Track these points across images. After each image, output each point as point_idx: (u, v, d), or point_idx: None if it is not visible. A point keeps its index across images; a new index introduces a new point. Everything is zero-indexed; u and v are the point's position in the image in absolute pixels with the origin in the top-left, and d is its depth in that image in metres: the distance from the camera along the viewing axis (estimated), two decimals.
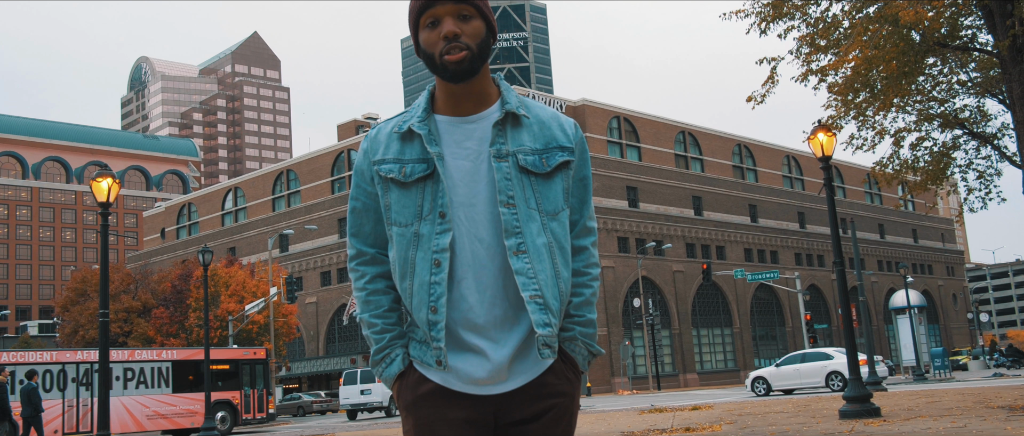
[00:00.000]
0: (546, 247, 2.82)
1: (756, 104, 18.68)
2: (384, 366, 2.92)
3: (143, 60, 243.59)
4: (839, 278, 17.90)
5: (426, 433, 2.82)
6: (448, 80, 2.83)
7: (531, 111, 2.95)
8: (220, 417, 36.39)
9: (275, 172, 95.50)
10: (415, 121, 2.89)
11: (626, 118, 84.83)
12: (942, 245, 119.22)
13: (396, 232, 2.87)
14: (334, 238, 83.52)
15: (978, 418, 14.61)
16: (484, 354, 2.79)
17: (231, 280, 59.64)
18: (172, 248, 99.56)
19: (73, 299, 66.71)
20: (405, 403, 2.88)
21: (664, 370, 75.86)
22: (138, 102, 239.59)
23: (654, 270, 78.51)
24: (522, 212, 2.81)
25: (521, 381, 2.82)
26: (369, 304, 2.95)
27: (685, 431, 16.11)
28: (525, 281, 2.77)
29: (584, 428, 20.03)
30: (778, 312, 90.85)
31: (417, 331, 2.88)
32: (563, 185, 2.91)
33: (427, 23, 2.84)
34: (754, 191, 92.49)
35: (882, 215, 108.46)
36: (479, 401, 2.81)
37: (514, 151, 2.85)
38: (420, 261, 2.81)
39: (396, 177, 2.86)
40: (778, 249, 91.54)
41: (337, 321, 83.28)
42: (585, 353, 2.96)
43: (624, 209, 77.78)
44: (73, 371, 33.78)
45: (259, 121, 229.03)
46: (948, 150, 22.40)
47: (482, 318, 2.80)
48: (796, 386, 37.37)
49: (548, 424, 2.84)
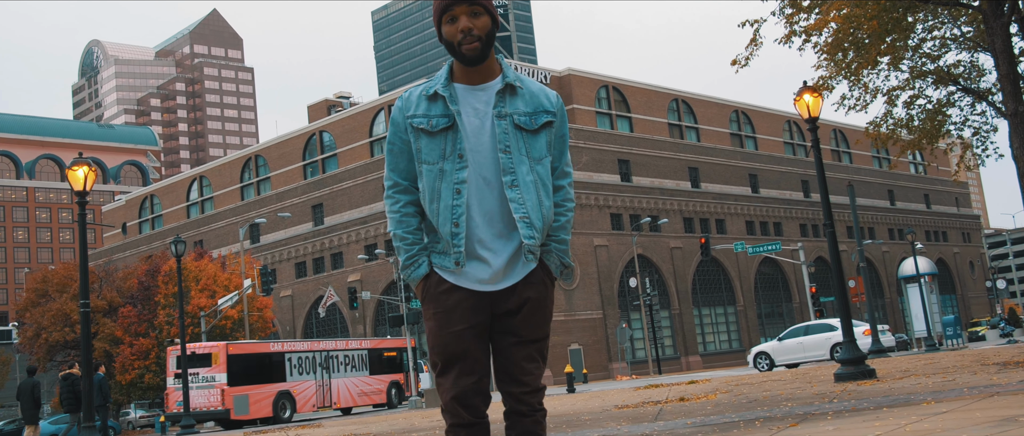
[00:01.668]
0: (533, 183, 4.23)
1: (740, 67, 19.70)
2: (413, 269, 4.28)
3: (94, 44, 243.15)
4: (830, 243, 18.92)
5: (443, 319, 4.19)
6: (465, 64, 4.23)
7: (524, 84, 4.35)
8: (395, 393, 48.36)
9: (242, 158, 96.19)
10: (440, 86, 4.27)
11: (615, 87, 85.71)
12: (957, 210, 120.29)
13: (425, 169, 4.24)
14: (308, 226, 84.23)
15: (969, 373, 15.70)
16: (487, 262, 4.20)
17: (201, 274, 60.39)
18: (135, 244, 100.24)
19: (33, 301, 67.39)
20: (428, 297, 4.27)
21: (665, 353, 76.91)
22: (90, 89, 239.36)
23: (650, 247, 79.53)
24: (516, 157, 4.22)
25: (511, 282, 4.22)
26: (402, 223, 4.32)
27: (680, 401, 17.13)
28: (516, 206, 4.18)
29: (578, 405, 21.06)
30: (784, 287, 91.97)
31: (439, 244, 4.26)
32: (547, 139, 4.32)
33: (448, 19, 4.21)
34: (754, 159, 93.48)
35: (892, 180, 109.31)
36: (481, 296, 4.20)
37: (510, 113, 4.26)
38: (445, 189, 4.20)
39: (425, 127, 4.24)
40: (781, 220, 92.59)
41: (314, 315, 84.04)
42: (557, 263, 4.36)
43: (616, 184, 78.72)
44: (319, 358, 44.89)
45: (222, 105, 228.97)
46: (942, 107, 23.45)
47: (485, 234, 4.21)
48: (800, 360, 38.32)
49: (527, 315, 4.24)
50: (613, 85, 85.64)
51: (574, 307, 72.86)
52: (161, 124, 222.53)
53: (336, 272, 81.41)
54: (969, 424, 7.36)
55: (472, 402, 4.19)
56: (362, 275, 78.53)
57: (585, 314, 73.63)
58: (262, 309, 61.59)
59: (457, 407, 4.19)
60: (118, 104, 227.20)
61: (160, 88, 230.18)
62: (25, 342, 67.08)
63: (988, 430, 6.81)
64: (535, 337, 4.26)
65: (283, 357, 43.26)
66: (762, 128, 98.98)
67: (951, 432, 6.91)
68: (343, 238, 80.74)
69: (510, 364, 4.23)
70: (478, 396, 4.21)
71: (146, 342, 59.00)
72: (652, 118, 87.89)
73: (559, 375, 65.69)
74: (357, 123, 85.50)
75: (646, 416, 14.10)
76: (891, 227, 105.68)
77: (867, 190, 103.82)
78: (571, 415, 16.76)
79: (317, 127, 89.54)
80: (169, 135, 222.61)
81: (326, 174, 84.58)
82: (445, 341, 4.18)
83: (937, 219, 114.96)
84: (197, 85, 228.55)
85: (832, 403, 12.14)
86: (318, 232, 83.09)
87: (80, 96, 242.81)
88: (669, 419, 12.80)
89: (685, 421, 12.01)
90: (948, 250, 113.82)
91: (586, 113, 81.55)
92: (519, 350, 4.23)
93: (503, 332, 4.24)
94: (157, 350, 58.96)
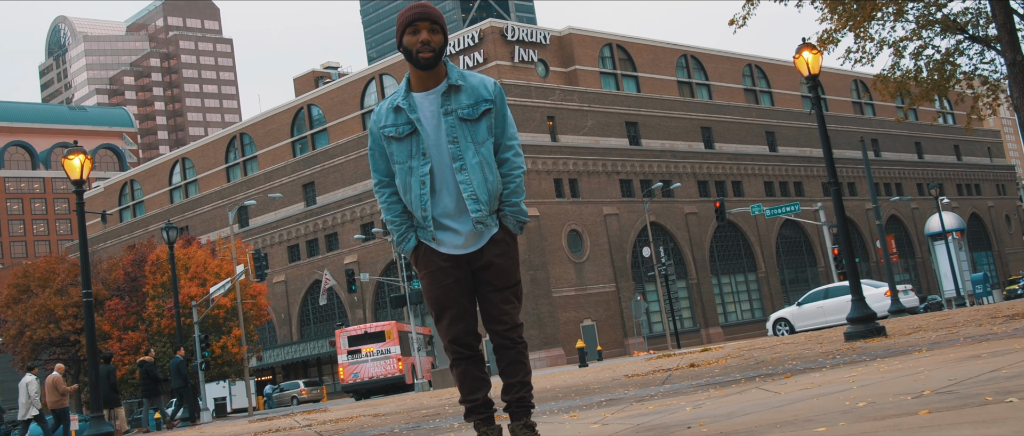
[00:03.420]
0: (478, 164, 5.68)
1: (738, 28, 20.76)
2: (405, 243, 5.90)
3: (61, 20, 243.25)
4: (835, 202, 20.04)
5: (433, 278, 5.81)
6: (419, 68, 5.70)
7: (466, 80, 5.78)
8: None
9: (227, 137, 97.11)
10: (400, 99, 5.77)
11: (619, 45, 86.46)
12: (990, 161, 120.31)
13: (398, 167, 5.80)
14: (300, 206, 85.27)
15: (975, 326, 16.89)
16: (456, 231, 5.75)
17: (190, 262, 61.27)
18: (116, 233, 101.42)
19: (15, 296, 68.42)
20: (419, 263, 5.88)
21: (683, 326, 77.44)
22: (59, 69, 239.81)
23: (663, 214, 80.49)
24: (462, 145, 5.66)
25: (480, 244, 5.78)
26: (390, 209, 5.91)
27: (690, 367, 18.32)
28: (465, 187, 5.68)
29: (588, 377, 22.27)
30: (808, 250, 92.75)
31: (417, 222, 5.83)
32: (487, 124, 5.74)
33: (411, 31, 5.69)
34: (771, 116, 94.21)
35: (919, 132, 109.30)
36: (458, 258, 5.78)
37: (455, 109, 5.70)
38: (413, 182, 5.74)
39: (394, 135, 5.78)
40: (802, 179, 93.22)
41: (310, 300, 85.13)
42: (514, 222, 5.86)
43: (624, 148, 79.65)
44: (419, 340, 54.04)
45: (200, 80, 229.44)
46: (950, 56, 24.57)
47: (450, 210, 5.72)
48: (821, 324, 39.23)
49: (497, 268, 5.79)
50: (617, 43, 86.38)
51: (585, 281, 73.79)
52: (136, 103, 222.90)
53: (331, 254, 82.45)
54: (936, 363, 8.58)
55: (466, 341, 5.81)
56: (359, 256, 79.61)
57: (597, 288, 74.65)
58: (256, 296, 62.68)
59: (455, 346, 5.82)
60: (89, 84, 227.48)
61: (133, 65, 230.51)
62: (8, 341, 68.04)
63: (950, 366, 8.02)
64: (508, 284, 5.81)
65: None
66: (778, 82, 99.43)
67: (917, 371, 8.12)
68: (337, 217, 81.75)
69: (491, 307, 5.80)
70: (469, 336, 5.82)
71: (136, 335, 60.09)
72: (660, 76, 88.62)
73: (571, 353, 66.67)
74: (347, 95, 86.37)
75: (655, 382, 15.25)
76: (920, 182, 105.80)
77: (892, 143, 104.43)
78: (581, 385, 17.86)
79: (305, 101, 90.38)
80: (145, 115, 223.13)
81: (316, 150, 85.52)
82: (436, 295, 5.79)
83: (969, 171, 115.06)
84: (173, 60, 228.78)
85: (833, 359, 13.34)
86: (311, 212, 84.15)
87: (48, 77, 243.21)
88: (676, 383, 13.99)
89: (690, 382, 13.20)
90: (982, 204, 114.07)
91: (589, 74, 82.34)
92: (496, 296, 5.78)
93: (481, 283, 5.80)
94: (148, 344, 60.07)
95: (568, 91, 77.74)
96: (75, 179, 20.55)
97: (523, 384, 5.77)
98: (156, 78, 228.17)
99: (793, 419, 5.83)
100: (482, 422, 5.78)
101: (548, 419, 9.04)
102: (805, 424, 5.47)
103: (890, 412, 5.38)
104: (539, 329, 68.91)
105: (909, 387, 6.61)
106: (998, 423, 4.43)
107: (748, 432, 5.58)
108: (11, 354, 71.68)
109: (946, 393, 5.95)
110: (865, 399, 6.28)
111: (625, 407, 9.46)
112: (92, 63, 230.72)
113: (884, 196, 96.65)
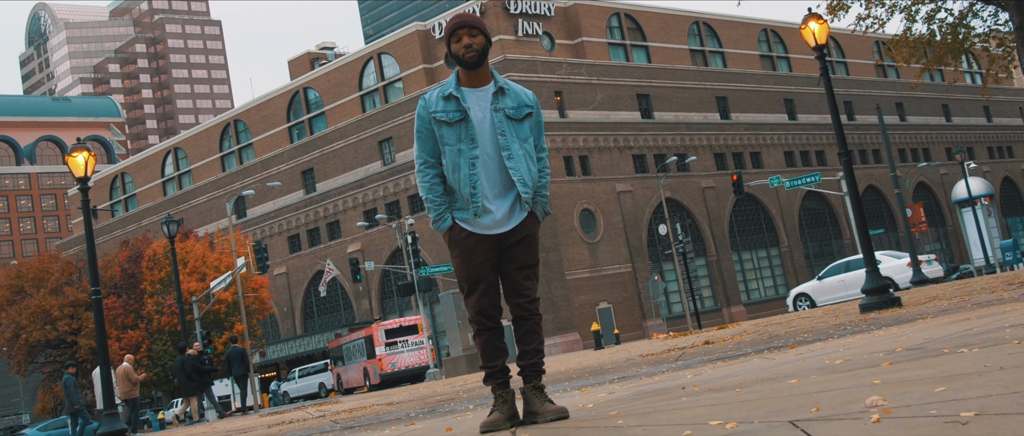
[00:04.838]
0: (523, 156, 6.78)
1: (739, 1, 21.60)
2: (441, 222, 6.81)
3: (41, 7, 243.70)
4: (846, 171, 20.94)
5: (466, 256, 6.77)
6: (466, 68, 6.76)
7: (510, 87, 6.88)
8: None
9: (220, 125, 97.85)
10: (453, 89, 6.76)
11: (628, 14, 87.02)
12: (1023, 121, 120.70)
13: (448, 149, 6.75)
14: (299, 194, 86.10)
15: (988, 293, 17.82)
16: (492, 212, 6.73)
17: (188, 256, 62.19)
18: (108, 229, 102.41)
19: (8, 298, 69.35)
20: (453, 242, 6.83)
21: (704, 305, 77.31)
22: (40, 59, 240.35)
23: (679, 189, 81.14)
24: (509, 138, 6.74)
25: (511, 226, 6.79)
26: (432, 189, 6.83)
27: (705, 344, 19.28)
28: (514, 171, 6.70)
29: (603, 359, 23.25)
30: (833, 222, 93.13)
31: (458, 202, 6.80)
32: (529, 125, 6.90)
33: (455, 39, 6.76)
34: (789, 83, 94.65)
35: (946, 94, 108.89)
36: (490, 238, 6.76)
37: (503, 107, 6.77)
38: (463, 163, 6.70)
39: (445, 119, 6.74)
40: (824, 148, 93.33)
41: (313, 292, 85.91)
42: (541, 210, 6.96)
43: (636, 121, 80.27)
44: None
45: (189, 65, 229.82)
46: (963, 18, 25.43)
47: (490, 193, 6.73)
48: (843, 298, 39.79)
49: (523, 247, 6.84)
50: (625, 12, 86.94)
51: (599, 262, 74.37)
52: (123, 92, 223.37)
53: (334, 243, 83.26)
54: (928, 327, 9.52)
55: (490, 313, 6.82)
56: (363, 244, 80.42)
57: (612, 269, 75.31)
58: (257, 289, 63.63)
59: (480, 317, 6.82)
60: (72, 73, 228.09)
61: (118, 52, 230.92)
62: (3, 343, 69.06)
63: (938, 329, 8.96)
64: (530, 263, 6.87)
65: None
66: (796, 47, 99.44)
67: (904, 335, 9.06)
68: (339, 205, 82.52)
69: (513, 283, 6.85)
70: (494, 309, 6.83)
71: (135, 334, 61.03)
72: (672, 45, 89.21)
73: (587, 338, 67.16)
74: (345, 76, 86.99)
75: (668, 360, 16.19)
76: (948, 146, 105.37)
77: (918, 107, 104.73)
78: (595, 367, 18.80)
79: (301, 84, 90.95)
80: (133, 104, 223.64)
81: (314, 135, 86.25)
82: (468, 272, 6.79)
83: (1000, 133, 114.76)
84: (159, 45, 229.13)
85: (842, 331, 14.27)
86: (311, 200, 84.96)
87: (29, 67, 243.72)
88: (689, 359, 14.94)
89: (702, 358, 14.15)
90: (1015, 167, 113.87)
91: (597, 46, 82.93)
92: (519, 273, 6.83)
93: (507, 260, 6.83)
94: (148, 342, 60.97)
95: (575, 64, 78.28)
96: (80, 176, 21.44)
97: (536, 351, 6.81)
98: (142, 64, 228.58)
99: (775, 376, 6.81)
100: (499, 385, 6.82)
101: (560, 396, 9.94)
102: (783, 378, 6.46)
103: (858, 366, 6.37)
104: (553, 313, 69.36)
105: (886, 347, 7.57)
106: (939, 367, 5.38)
107: (732, 387, 6.58)
108: (6, 358, 72.61)
109: (915, 349, 6.91)
110: (843, 358, 7.25)
111: (635, 381, 10.42)
112: (75, 51, 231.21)
113: (911, 162, 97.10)
